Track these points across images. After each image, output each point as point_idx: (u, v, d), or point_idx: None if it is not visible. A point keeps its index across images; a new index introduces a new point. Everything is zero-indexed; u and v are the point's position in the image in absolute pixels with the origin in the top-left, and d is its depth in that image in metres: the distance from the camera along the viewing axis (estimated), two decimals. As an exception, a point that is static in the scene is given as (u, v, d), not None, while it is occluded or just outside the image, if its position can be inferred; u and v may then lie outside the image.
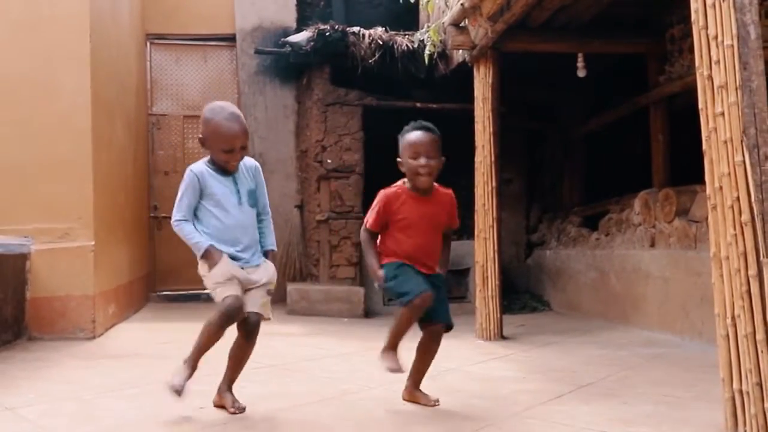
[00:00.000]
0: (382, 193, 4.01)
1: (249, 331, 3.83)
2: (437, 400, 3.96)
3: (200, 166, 3.81)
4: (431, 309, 3.87)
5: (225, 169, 3.81)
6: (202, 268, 3.78)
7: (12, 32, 6.56)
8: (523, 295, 9.73)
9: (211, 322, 3.70)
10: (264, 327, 3.85)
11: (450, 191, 4.09)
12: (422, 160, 3.86)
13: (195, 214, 3.81)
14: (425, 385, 4.17)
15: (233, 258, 3.77)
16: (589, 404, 3.97)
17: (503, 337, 6.71)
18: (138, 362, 5.51)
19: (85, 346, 6.18)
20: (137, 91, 9.86)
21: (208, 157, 3.84)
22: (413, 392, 4.06)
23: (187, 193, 3.76)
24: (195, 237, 3.74)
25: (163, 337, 6.76)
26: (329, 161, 9.37)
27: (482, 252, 6.83)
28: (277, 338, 6.55)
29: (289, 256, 9.99)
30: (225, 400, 3.83)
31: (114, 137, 7.89)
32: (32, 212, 6.46)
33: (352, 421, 3.72)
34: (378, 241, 4.07)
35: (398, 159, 3.96)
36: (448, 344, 6.23)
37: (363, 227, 4.09)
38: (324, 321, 8.10)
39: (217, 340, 3.70)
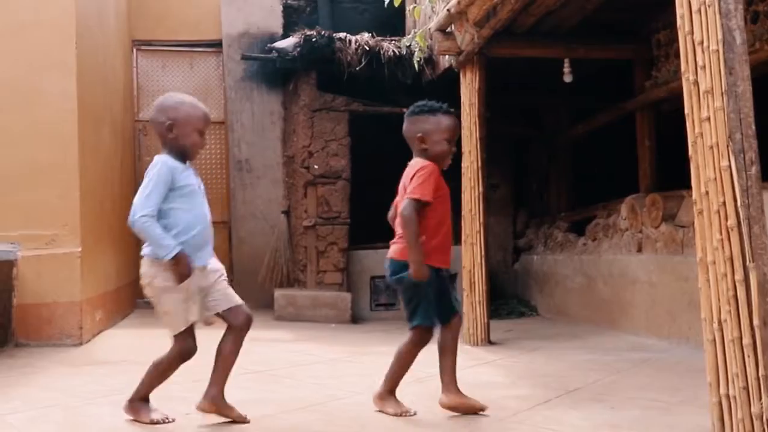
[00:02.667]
0: (425, 164, 3.89)
1: (245, 325, 3.77)
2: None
3: (169, 159, 3.69)
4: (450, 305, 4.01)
5: (187, 157, 3.77)
6: (159, 275, 3.60)
7: (-3, 38, 6.56)
8: (510, 300, 9.75)
9: (164, 361, 3.72)
10: (251, 333, 3.81)
11: None
12: (452, 146, 3.96)
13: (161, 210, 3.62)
14: (413, 391, 4.19)
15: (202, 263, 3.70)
16: (576, 409, 4.00)
17: (491, 343, 6.71)
18: (125, 368, 5.46)
19: (72, 352, 6.17)
20: (124, 97, 9.85)
21: (165, 153, 3.74)
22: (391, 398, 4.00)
23: (158, 187, 3.57)
24: (166, 239, 3.51)
25: (150, 344, 6.71)
26: (316, 167, 9.38)
27: (469, 257, 6.84)
28: (265, 344, 6.57)
29: (276, 261, 9.98)
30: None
31: (101, 143, 7.88)
32: (18, 219, 6.42)
33: (340, 426, 3.73)
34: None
35: (421, 134, 3.94)
36: (435, 349, 6.26)
37: (410, 202, 3.79)
38: (311, 327, 8.10)
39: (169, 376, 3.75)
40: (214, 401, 3.68)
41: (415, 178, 3.84)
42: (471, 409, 3.89)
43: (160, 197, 3.57)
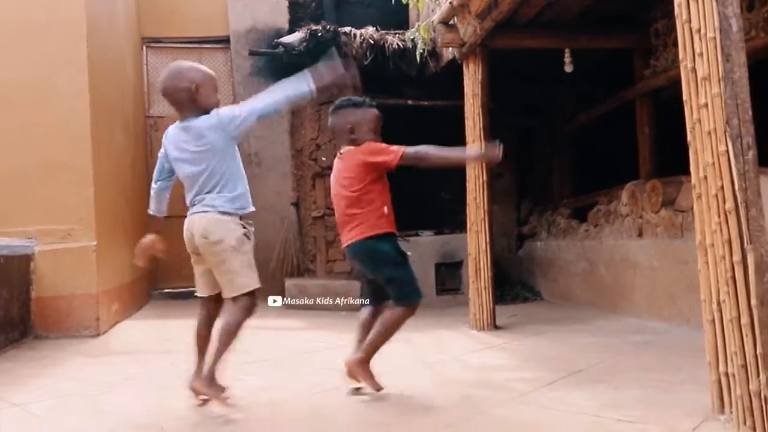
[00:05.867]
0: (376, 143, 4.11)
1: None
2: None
3: None
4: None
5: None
6: (229, 234, 3.68)
7: (10, 39, 6.66)
8: (515, 285, 9.81)
9: (234, 323, 3.67)
10: (263, 321, 3.88)
11: None
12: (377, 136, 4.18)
13: (224, 169, 3.73)
14: (422, 374, 4.27)
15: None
16: (581, 390, 4.03)
17: (496, 327, 6.77)
18: (142, 358, 5.59)
19: (90, 343, 6.26)
20: (134, 94, 9.95)
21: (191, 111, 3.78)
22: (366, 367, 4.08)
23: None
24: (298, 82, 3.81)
25: (166, 334, 6.83)
26: (324, 159, 9.47)
27: (474, 245, 6.92)
28: (277, 332, 6.63)
29: (287, 252, 10.04)
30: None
31: (113, 140, 7.98)
32: (35, 214, 6.55)
33: (354, 410, 3.78)
34: (370, 197, 4.03)
35: (354, 125, 4.14)
36: (442, 335, 6.38)
37: (398, 155, 3.95)
38: (322, 315, 8.12)
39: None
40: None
41: (375, 150, 4.03)
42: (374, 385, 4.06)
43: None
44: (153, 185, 3.97)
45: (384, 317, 4.06)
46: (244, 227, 3.76)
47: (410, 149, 3.96)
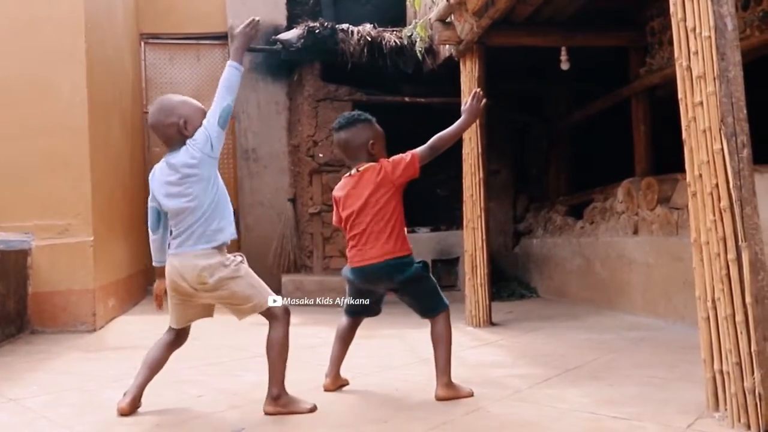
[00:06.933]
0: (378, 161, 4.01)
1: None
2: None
3: None
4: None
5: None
6: (222, 266, 3.62)
7: (8, 33, 6.67)
8: (511, 282, 9.82)
9: (285, 334, 3.65)
10: (260, 318, 3.77)
11: None
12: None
13: (211, 201, 3.62)
14: (418, 371, 4.27)
15: None
16: (576, 387, 4.04)
17: (492, 324, 6.78)
18: (139, 353, 5.37)
19: (87, 338, 6.27)
20: (132, 90, 9.96)
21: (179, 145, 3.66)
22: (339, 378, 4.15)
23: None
24: None
25: (163, 329, 6.79)
26: (321, 155, 9.51)
27: (471, 241, 6.92)
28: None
29: (284, 248, 10.08)
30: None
31: (111, 135, 8.00)
32: (32, 209, 6.56)
33: (349, 406, 3.78)
34: (395, 220, 3.94)
35: (374, 140, 4.00)
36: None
37: (415, 156, 3.92)
38: (319, 311, 8.06)
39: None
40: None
41: (398, 165, 3.92)
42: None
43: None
44: (151, 236, 3.79)
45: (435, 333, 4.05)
46: (234, 256, 3.70)
47: (423, 150, 3.94)
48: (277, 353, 3.62)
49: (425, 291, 4.01)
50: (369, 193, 3.91)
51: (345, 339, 4.18)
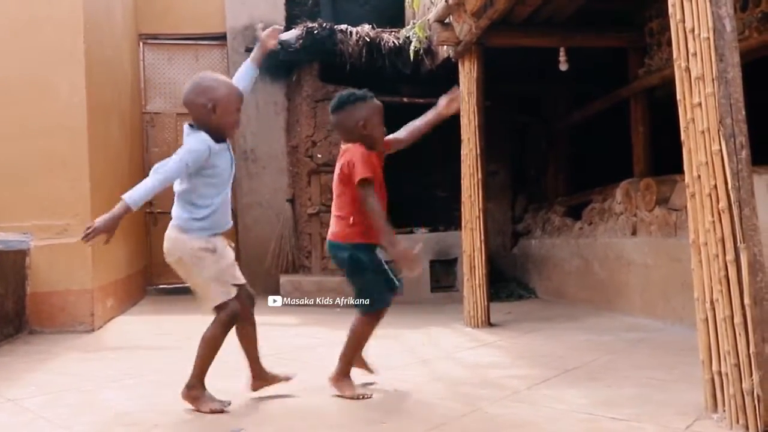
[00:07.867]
0: (356, 147, 3.93)
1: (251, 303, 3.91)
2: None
3: (208, 140, 3.64)
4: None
5: (226, 136, 3.77)
6: (187, 246, 3.63)
7: (8, 34, 6.67)
8: (509, 283, 9.80)
9: (215, 334, 3.67)
10: (258, 317, 3.87)
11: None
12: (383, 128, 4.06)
13: (189, 188, 3.65)
14: (416, 371, 4.26)
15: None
16: (575, 388, 4.04)
17: (491, 325, 6.78)
18: (137, 354, 5.62)
19: (85, 338, 6.28)
20: (131, 90, 9.95)
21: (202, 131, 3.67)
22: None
23: (191, 161, 3.56)
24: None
25: (161, 329, 6.85)
26: (319, 156, 9.50)
27: (469, 242, 6.92)
28: (272, 328, 6.64)
29: (282, 248, 10.10)
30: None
31: (109, 135, 8.00)
32: (31, 209, 6.56)
33: (346, 407, 3.78)
34: (344, 211, 3.93)
35: (366, 119, 3.95)
36: (437, 332, 6.40)
37: (361, 183, 3.80)
38: (317, 311, 7.99)
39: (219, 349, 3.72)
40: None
41: (350, 164, 3.88)
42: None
43: (188, 169, 3.57)
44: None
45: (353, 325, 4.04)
46: (207, 241, 3.67)
47: (366, 193, 3.81)
48: (202, 348, 3.69)
49: (359, 285, 4.00)
50: (336, 177, 4.01)
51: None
